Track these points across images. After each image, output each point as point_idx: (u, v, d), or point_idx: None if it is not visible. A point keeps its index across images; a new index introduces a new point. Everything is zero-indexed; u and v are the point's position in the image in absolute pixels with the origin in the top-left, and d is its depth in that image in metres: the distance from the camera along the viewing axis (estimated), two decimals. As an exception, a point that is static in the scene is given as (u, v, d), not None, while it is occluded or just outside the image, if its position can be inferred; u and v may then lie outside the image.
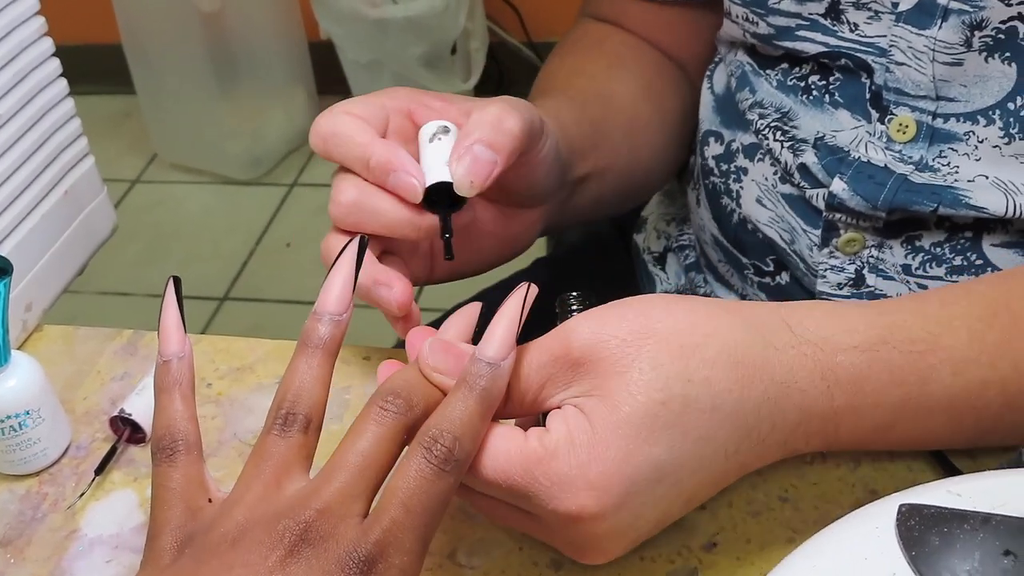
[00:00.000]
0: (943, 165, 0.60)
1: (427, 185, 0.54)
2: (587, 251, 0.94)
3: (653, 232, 0.86)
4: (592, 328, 0.45)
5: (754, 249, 0.70)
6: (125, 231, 2.42)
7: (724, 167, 0.71)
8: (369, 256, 0.53)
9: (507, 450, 0.44)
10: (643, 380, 0.43)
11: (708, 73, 0.76)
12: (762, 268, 0.71)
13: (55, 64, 0.68)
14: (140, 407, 0.60)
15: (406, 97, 0.58)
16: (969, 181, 0.59)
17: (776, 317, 0.47)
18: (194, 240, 2.13)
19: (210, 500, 0.43)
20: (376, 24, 2.04)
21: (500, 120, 0.54)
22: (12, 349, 0.58)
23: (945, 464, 0.51)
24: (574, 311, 0.49)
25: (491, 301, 0.47)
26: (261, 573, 0.39)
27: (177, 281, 0.48)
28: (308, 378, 0.45)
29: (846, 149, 0.63)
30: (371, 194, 0.55)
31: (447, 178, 0.54)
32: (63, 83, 0.69)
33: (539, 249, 1.02)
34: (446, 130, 0.56)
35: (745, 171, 0.70)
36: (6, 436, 0.58)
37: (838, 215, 0.63)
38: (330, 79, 2.26)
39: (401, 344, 0.68)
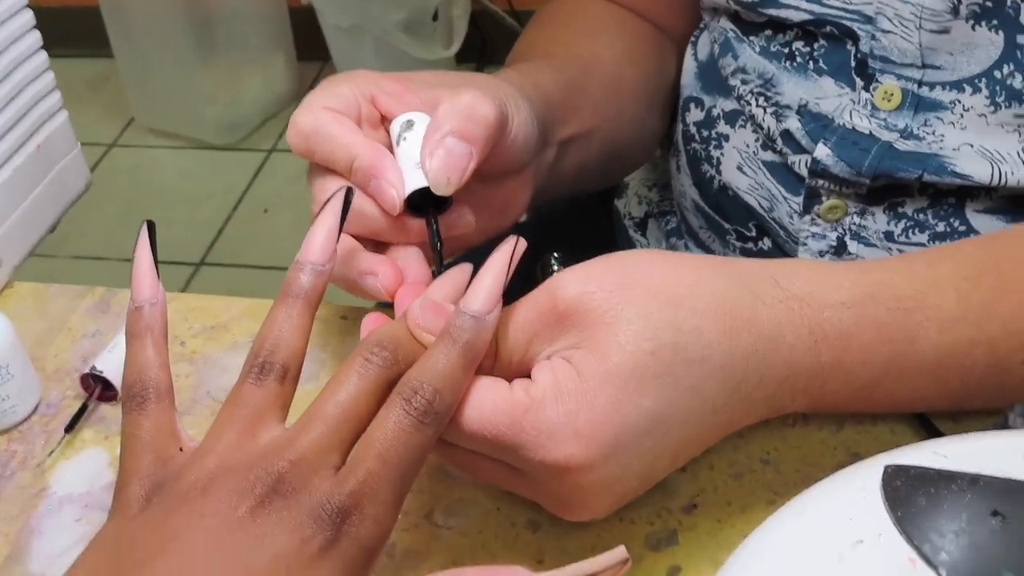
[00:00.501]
0: (928, 133, 0.59)
1: (405, 196, 0.50)
2: (568, 217, 0.92)
3: (634, 198, 0.85)
4: (578, 281, 0.44)
5: (735, 215, 0.70)
6: (101, 195, 2.41)
7: (705, 133, 0.70)
8: (352, 248, 0.51)
9: (492, 400, 0.43)
10: (632, 330, 0.43)
11: (692, 40, 0.74)
12: (744, 233, 0.70)
13: (28, 16, 0.66)
14: (112, 365, 0.59)
15: (365, 82, 0.55)
16: (954, 150, 0.58)
17: (763, 272, 0.46)
18: (171, 205, 2.10)
19: (181, 449, 0.42)
20: (357, -11, 2.02)
21: (473, 108, 0.50)
22: (-20, 303, 0.57)
23: (928, 427, 0.50)
24: (555, 272, 0.49)
25: (477, 262, 0.46)
26: (231, 522, 0.38)
27: (151, 225, 0.47)
28: (287, 327, 0.44)
29: (830, 116, 0.62)
30: (357, 197, 0.51)
31: (425, 183, 0.50)
32: (36, 35, 0.67)
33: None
34: (410, 125, 0.52)
35: (726, 137, 0.69)
36: (-26, 392, 0.56)
37: (821, 181, 0.62)
38: (310, 44, 2.23)
39: (381, 305, 0.67)
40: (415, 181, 0.50)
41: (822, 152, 0.61)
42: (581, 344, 0.43)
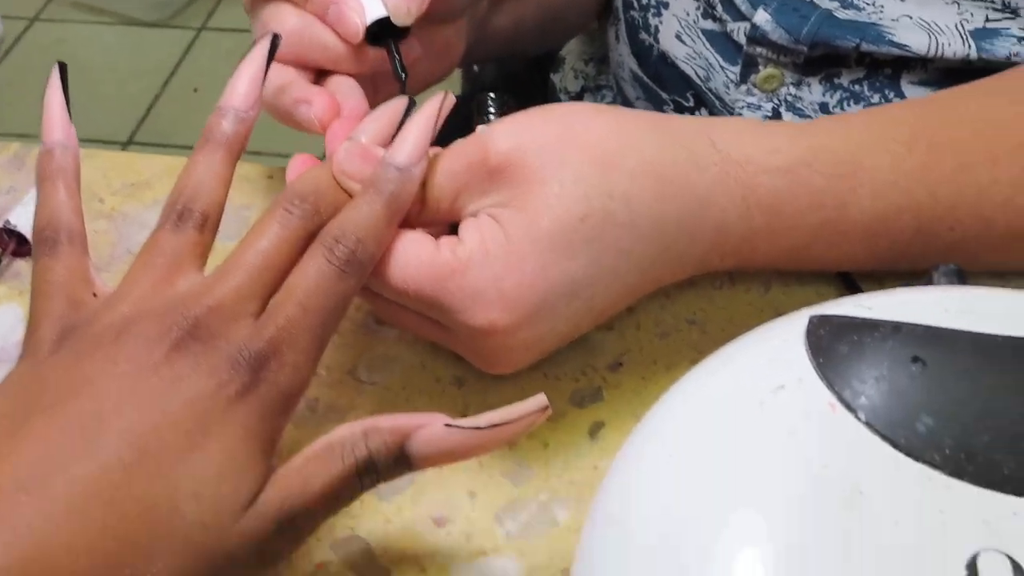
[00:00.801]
0: (868, 4, 0.58)
1: (367, 24, 0.49)
2: (503, 90, 0.91)
3: (571, 72, 0.84)
4: (512, 134, 0.43)
5: (674, 84, 0.68)
6: (23, 71, 2.34)
7: (644, 1, 0.69)
8: (290, 77, 0.49)
9: (417, 257, 0.42)
10: (564, 193, 0.42)
11: None
12: (682, 104, 0.69)
13: None
14: (26, 219, 0.57)
15: None
16: (893, 20, 0.58)
17: (700, 131, 0.45)
18: (97, 83, 2.03)
19: (95, 295, 0.41)
20: None
21: None
22: None
23: (853, 289, 0.50)
24: (492, 114, 0.47)
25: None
26: (146, 367, 0.37)
27: (63, 67, 0.44)
28: (208, 175, 0.42)
29: None
30: (314, 24, 0.49)
31: (384, 13, 0.48)
32: None
33: (454, 88, 0.99)
34: None
35: (665, 5, 0.67)
36: None
37: (759, 49, 0.61)
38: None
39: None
40: (375, 11, 0.49)
41: (761, 18, 0.60)
42: (511, 202, 0.42)
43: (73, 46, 2.14)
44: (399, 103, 0.46)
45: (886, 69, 0.59)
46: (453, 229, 0.45)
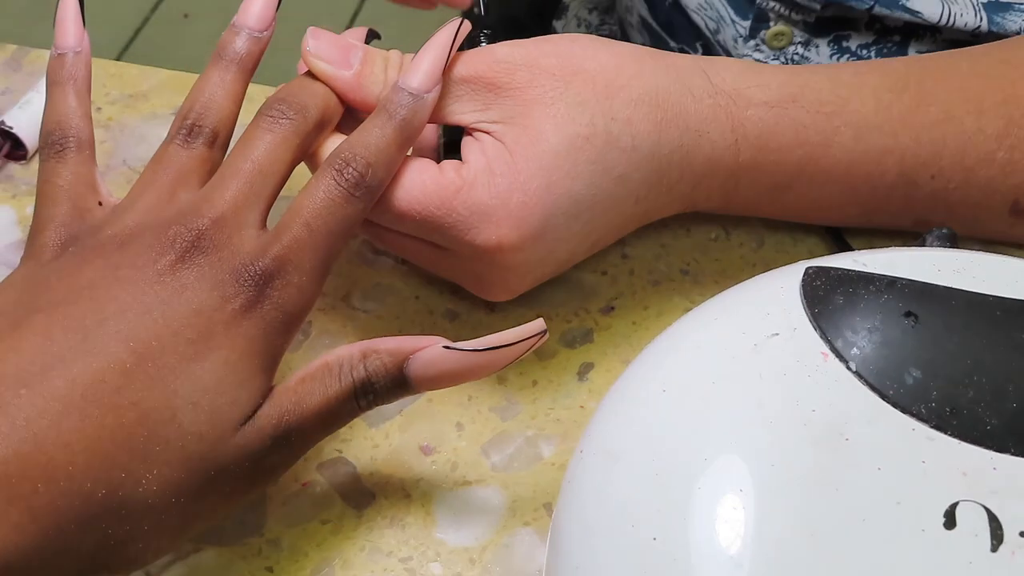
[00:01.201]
0: None
1: None
2: (504, 36, 0.90)
3: (574, 20, 0.84)
4: (521, 55, 0.43)
5: (683, 32, 0.69)
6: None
7: None
8: None
9: (422, 182, 0.42)
10: (569, 114, 0.42)
11: None
12: (688, 53, 0.69)
13: None
14: (23, 121, 0.57)
15: None
16: None
17: (696, 66, 0.46)
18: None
19: (100, 204, 0.41)
20: None
21: None
22: None
23: (845, 249, 0.51)
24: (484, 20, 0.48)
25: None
26: (149, 276, 0.37)
27: None
28: (220, 92, 0.42)
29: None
30: None
31: None
32: None
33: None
34: None
35: None
36: None
37: (771, 3, 0.62)
38: None
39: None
40: None
41: None
42: (515, 120, 0.43)
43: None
44: (360, 30, 0.47)
45: (895, 36, 0.60)
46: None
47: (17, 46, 0.63)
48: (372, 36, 0.48)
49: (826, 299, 0.38)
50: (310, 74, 0.44)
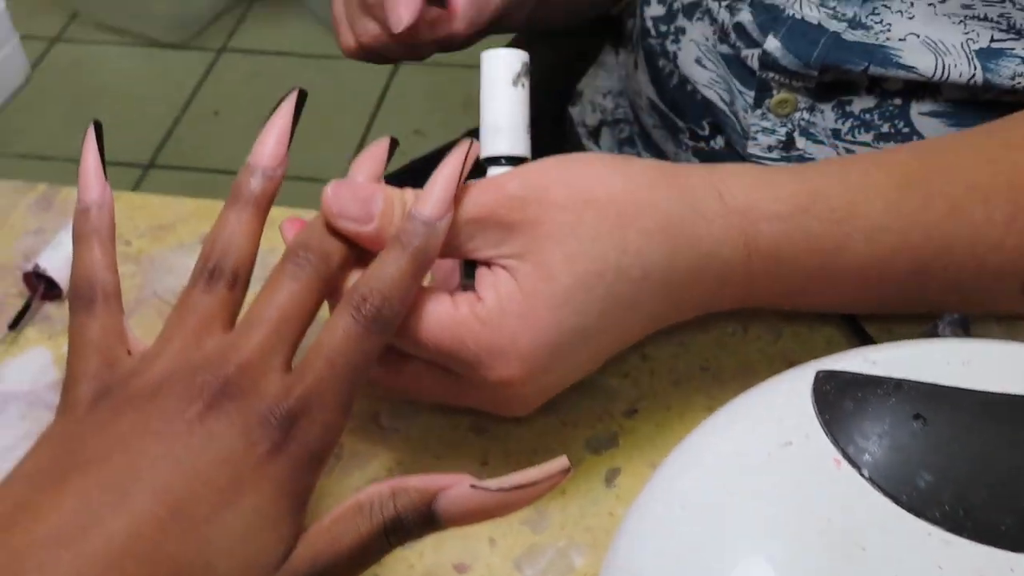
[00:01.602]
0: (876, 23, 0.60)
1: None
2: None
3: (588, 105, 0.85)
4: (529, 189, 0.44)
5: (692, 112, 0.70)
6: (44, 92, 2.35)
7: (663, 28, 0.71)
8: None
9: (437, 315, 0.44)
10: (581, 251, 0.43)
11: None
12: (697, 132, 0.70)
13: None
14: (56, 262, 0.59)
15: None
16: (900, 40, 0.59)
17: (709, 185, 0.47)
18: (118, 104, 2.06)
19: (129, 352, 0.42)
20: None
21: None
22: (-80, 199, 0.56)
23: (863, 337, 0.52)
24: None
25: (424, 172, 0.46)
26: (179, 427, 0.38)
27: (98, 126, 0.46)
28: (237, 232, 0.44)
29: (780, 7, 0.62)
30: None
31: None
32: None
33: (471, 119, 1.01)
34: None
35: (683, 31, 0.69)
36: (-85, 288, 0.56)
37: (771, 74, 0.63)
38: (262, -60, 2.18)
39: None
40: None
41: (772, 44, 0.62)
42: (528, 256, 0.44)
43: (94, 67, 2.17)
44: (379, 146, 0.48)
45: (896, 99, 0.61)
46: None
47: (48, 184, 0.66)
48: (394, 146, 0.49)
49: (836, 404, 0.38)
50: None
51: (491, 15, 0.62)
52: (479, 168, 0.50)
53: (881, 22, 0.59)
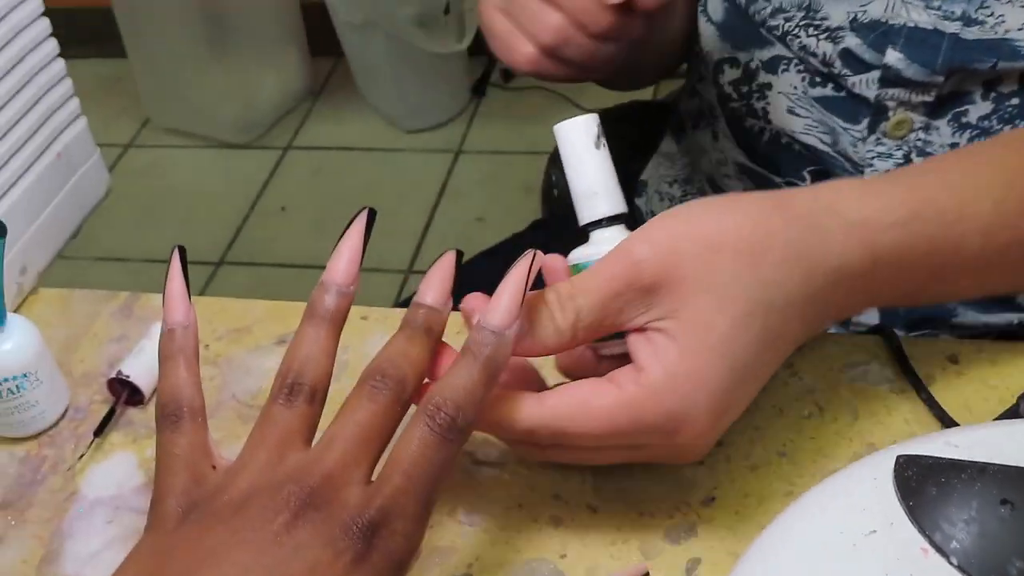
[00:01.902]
0: (988, 16, 0.59)
1: None
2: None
3: (655, 195, 0.86)
4: (657, 249, 0.46)
5: (789, 164, 0.70)
6: (119, 196, 2.41)
7: (744, 89, 0.71)
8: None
9: (606, 405, 0.45)
10: (728, 295, 0.45)
11: (701, 8, 0.75)
12: (796, 184, 0.71)
13: (45, 24, 0.67)
14: (138, 369, 0.60)
15: None
16: (1019, 29, 0.59)
17: (821, 204, 0.48)
18: (189, 204, 2.12)
19: (214, 467, 0.43)
20: (368, -16, 2.02)
21: None
22: (8, 312, 0.58)
23: (940, 413, 0.51)
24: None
25: (482, 267, 0.47)
26: (266, 537, 0.39)
27: (182, 250, 0.48)
28: (315, 348, 0.45)
29: (883, 19, 0.62)
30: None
31: None
32: (53, 43, 0.68)
33: (534, 212, 1.02)
34: None
35: (769, 87, 0.70)
36: (4, 399, 0.58)
37: (891, 92, 0.63)
38: (323, 40, 2.24)
39: (401, 304, 0.67)
40: None
41: (893, 57, 0.61)
42: (680, 314, 0.45)
43: (165, 171, 2.23)
44: (449, 256, 0.48)
45: (1012, 99, 0.61)
46: None
47: (129, 293, 0.68)
48: (460, 258, 0.48)
49: (920, 490, 0.38)
50: (406, 336, 0.45)
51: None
52: (582, 235, 0.52)
53: (993, 15, 0.59)
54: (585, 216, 0.51)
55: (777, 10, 0.67)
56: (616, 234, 0.51)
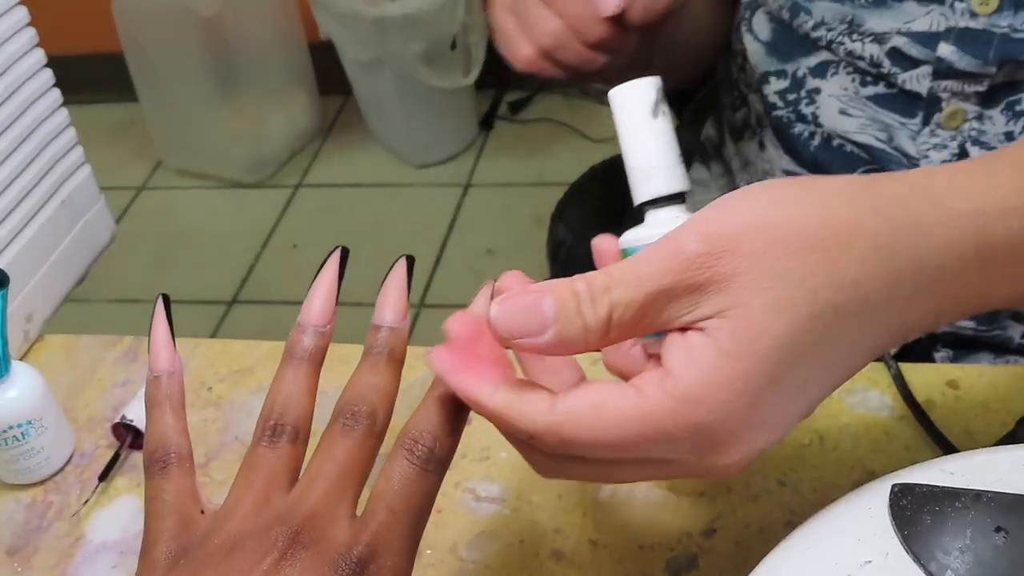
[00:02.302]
0: None
1: None
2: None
3: None
4: (713, 243, 0.38)
5: (842, 166, 0.70)
6: (132, 238, 2.44)
7: (791, 97, 0.72)
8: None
9: (623, 414, 0.38)
10: (788, 296, 0.37)
11: (745, 25, 0.76)
12: None
13: (48, 75, 0.68)
14: (142, 413, 0.60)
15: None
16: None
17: (919, 192, 0.41)
18: (201, 244, 2.13)
19: (202, 511, 0.43)
20: (375, 23, 2.04)
21: None
22: (12, 360, 0.59)
23: (941, 440, 0.51)
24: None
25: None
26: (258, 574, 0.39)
27: (166, 298, 0.48)
28: (295, 389, 0.45)
29: (930, 31, 0.63)
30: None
31: None
32: (56, 94, 0.69)
33: (542, 235, 1.02)
34: None
35: (818, 91, 0.70)
36: (9, 446, 0.58)
37: (944, 83, 0.63)
38: (331, 79, 2.26)
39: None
40: None
41: (946, 50, 0.62)
42: (730, 314, 0.38)
43: (177, 212, 2.25)
44: (400, 269, 0.47)
45: None
46: None
47: (133, 337, 0.68)
48: (411, 263, 0.47)
49: (915, 519, 0.38)
50: (370, 365, 0.45)
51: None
52: (638, 213, 0.46)
53: None
54: (640, 194, 0.45)
55: (819, 23, 0.68)
56: (674, 215, 0.45)
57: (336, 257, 0.47)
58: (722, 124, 0.85)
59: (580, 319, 0.38)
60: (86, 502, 0.58)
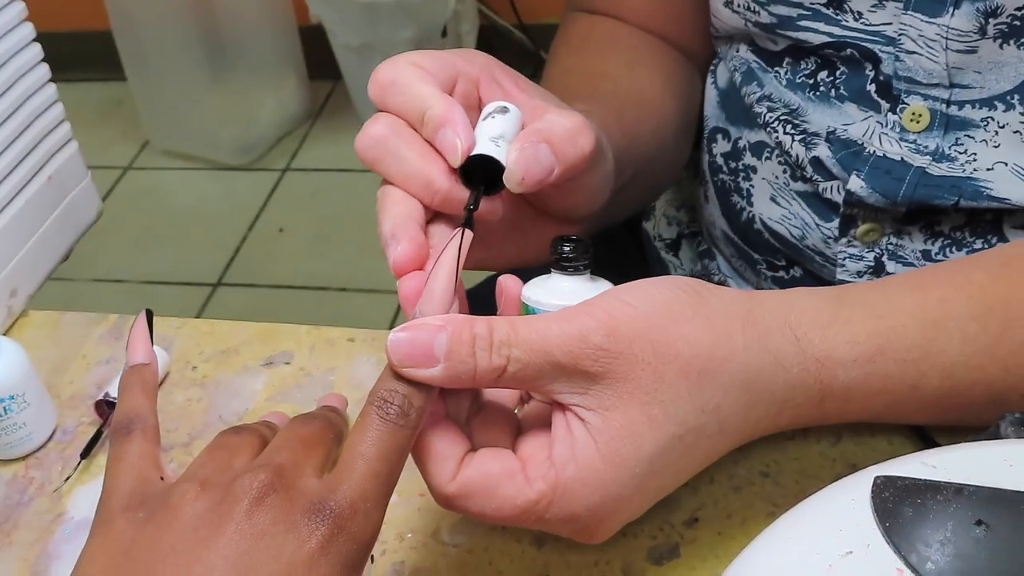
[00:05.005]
0: (960, 153, 0.59)
1: (473, 153, 0.48)
2: (595, 240, 0.92)
3: (663, 219, 0.85)
4: (614, 342, 0.43)
5: (764, 246, 0.70)
6: (118, 218, 2.43)
7: (732, 165, 0.71)
8: (407, 205, 0.50)
9: (513, 500, 0.43)
10: (664, 415, 0.43)
11: (712, 69, 0.75)
12: (774, 263, 0.70)
13: (36, 49, 0.68)
14: (125, 391, 0.61)
15: (481, 66, 0.53)
16: (988, 170, 0.58)
17: (786, 328, 0.46)
18: (187, 226, 2.12)
19: (162, 479, 0.43)
20: (366, 8, 2.03)
21: (577, 132, 0.50)
22: (-4, 334, 0.58)
23: (924, 438, 0.51)
24: (567, 257, 0.49)
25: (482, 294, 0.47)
26: (228, 530, 0.39)
27: (149, 314, 0.50)
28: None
29: (859, 142, 0.62)
30: (401, 136, 0.50)
31: (495, 154, 0.48)
32: (45, 68, 0.69)
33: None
34: (504, 110, 0.50)
35: (754, 169, 0.69)
36: (-9, 421, 0.58)
37: (856, 209, 0.63)
38: (320, 63, 2.25)
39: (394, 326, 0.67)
40: (484, 148, 0.49)
41: (855, 184, 0.61)
42: (611, 415, 0.43)
43: (164, 193, 2.24)
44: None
45: (987, 215, 0.60)
46: None
47: (118, 316, 0.68)
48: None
49: (896, 511, 0.38)
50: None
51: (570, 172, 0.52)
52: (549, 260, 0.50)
53: (965, 152, 0.59)
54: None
55: (764, 97, 0.67)
56: (578, 286, 0.49)
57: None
58: None
59: (473, 361, 0.42)
60: (68, 478, 0.58)
